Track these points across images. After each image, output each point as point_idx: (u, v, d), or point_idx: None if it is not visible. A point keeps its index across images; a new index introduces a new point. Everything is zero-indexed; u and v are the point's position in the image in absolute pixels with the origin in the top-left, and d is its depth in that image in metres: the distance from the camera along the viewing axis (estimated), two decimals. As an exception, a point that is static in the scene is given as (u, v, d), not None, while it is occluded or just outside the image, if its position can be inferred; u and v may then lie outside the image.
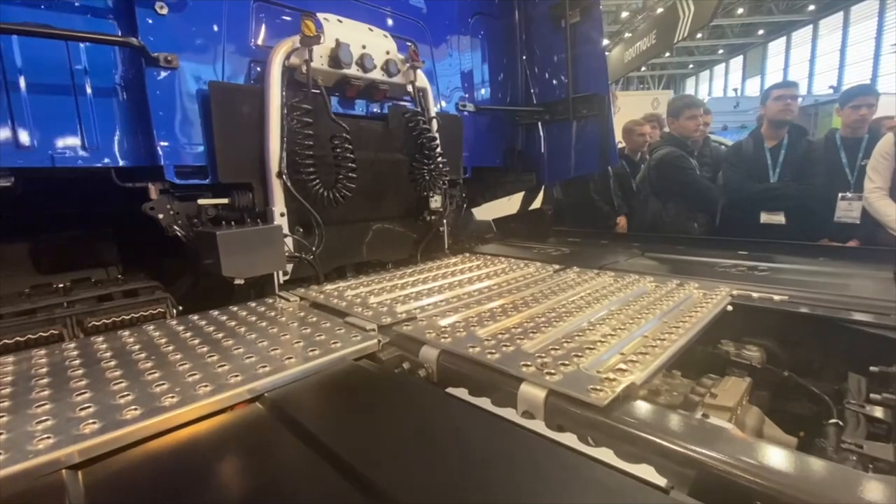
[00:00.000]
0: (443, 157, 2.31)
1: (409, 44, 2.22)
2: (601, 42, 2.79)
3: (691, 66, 37.49)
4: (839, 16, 25.10)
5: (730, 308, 1.52)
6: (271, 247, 1.70)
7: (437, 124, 2.30)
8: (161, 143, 1.61)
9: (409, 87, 2.20)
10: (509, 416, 0.86)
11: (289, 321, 1.40)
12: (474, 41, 2.86)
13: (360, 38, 1.97)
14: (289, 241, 1.85)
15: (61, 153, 1.47)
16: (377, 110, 2.28)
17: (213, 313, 1.50)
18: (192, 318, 1.46)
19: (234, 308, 1.56)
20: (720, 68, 36.34)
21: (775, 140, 3.52)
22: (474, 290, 1.71)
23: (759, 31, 30.06)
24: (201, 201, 1.73)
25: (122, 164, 1.58)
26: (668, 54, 30.12)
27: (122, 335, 1.30)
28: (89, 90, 1.50)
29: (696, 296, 1.56)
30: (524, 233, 3.36)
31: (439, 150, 2.28)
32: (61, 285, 1.62)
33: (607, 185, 3.83)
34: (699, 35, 27.09)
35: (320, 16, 1.85)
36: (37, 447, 0.75)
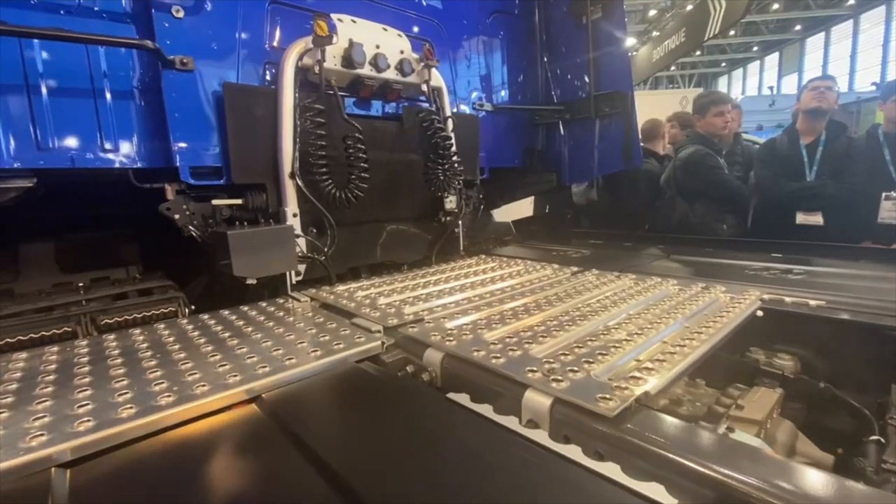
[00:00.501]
0: (457, 158, 2.27)
1: (424, 43, 2.20)
2: (623, 38, 2.70)
3: (723, 64, 36.26)
4: (881, 10, 23.83)
5: (760, 313, 1.42)
6: (282, 247, 1.69)
7: (452, 124, 2.26)
8: (177, 145, 1.63)
9: (424, 87, 2.17)
10: (513, 424, 0.81)
11: (296, 321, 1.39)
12: (492, 40, 2.82)
13: (373, 38, 1.96)
14: (302, 242, 1.84)
15: (80, 154, 1.50)
16: (392, 111, 2.26)
17: (224, 313, 1.51)
18: (203, 317, 1.46)
19: (244, 308, 1.56)
20: (754, 66, 35.03)
21: (812, 136, 3.32)
22: (486, 292, 1.65)
23: (796, 27, 28.84)
24: (216, 202, 1.74)
25: (139, 165, 1.61)
26: (698, 52, 29.27)
27: (133, 333, 1.31)
28: (108, 93, 1.53)
29: (722, 300, 1.46)
30: (544, 235, 3.28)
31: (454, 149, 2.24)
32: (81, 284, 1.66)
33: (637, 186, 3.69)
34: (731, 32, 26.24)
35: (334, 16, 1.85)
36: (29, 444, 0.75)
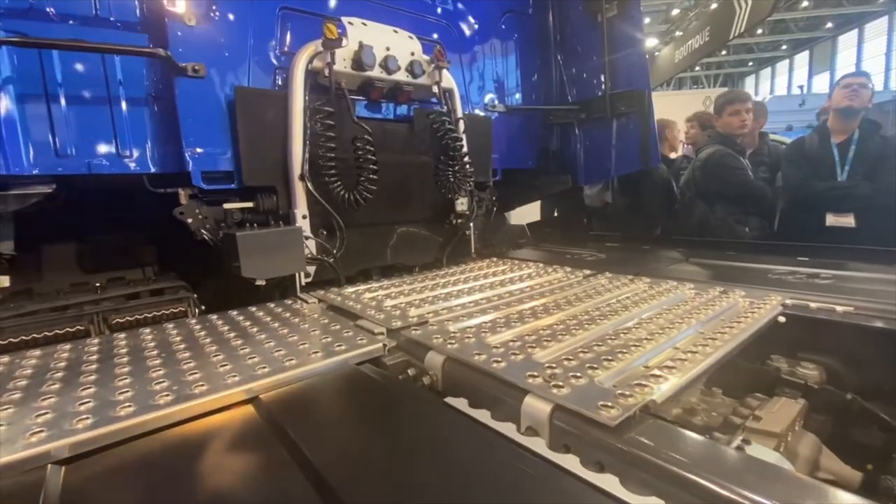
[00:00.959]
0: (469, 159, 2.25)
1: (435, 44, 2.19)
2: (639, 35, 2.63)
3: (751, 63, 35.22)
4: (918, 5, 22.83)
5: (782, 319, 1.35)
6: (291, 248, 1.70)
7: (463, 125, 2.24)
8: (189, 150, 1.66)
9: (435, 88, 2.16)
10: (511, 431, 0.78)
11: (301, 323, 1.39)
12: (506, 40, 2.79)
13: (384, 40, 1.96)
14: (311, 244, 1.85)
15: (97, 161, 1.54)
16: (403, 113, 2.26)
17: (232, 313, 1.52)
18: (211, 317, 1.48)
19: (252, 309, 1.57)
20: (783, 65, 33.91)
21: (844, 135, 3.17)
22: (494, 295, 1.62)
23: (827, 25, 27.81)
24: (227, 205, 1.76)
25: (153, 170, 1.64)
26: (723, 52, 28.52)
27: (142, 333, 1.33)
28: (122, 101, 1.57)
29: (741, 304, 1.40)
30: (560, 237, 3.22)
31: (465, 150, 2.22)
32: (97, 284, 1.70)
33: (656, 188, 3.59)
34: (759, 31, 25.49)
35: (344, 19, 1.85)
36: (28, 440, 0.76)
